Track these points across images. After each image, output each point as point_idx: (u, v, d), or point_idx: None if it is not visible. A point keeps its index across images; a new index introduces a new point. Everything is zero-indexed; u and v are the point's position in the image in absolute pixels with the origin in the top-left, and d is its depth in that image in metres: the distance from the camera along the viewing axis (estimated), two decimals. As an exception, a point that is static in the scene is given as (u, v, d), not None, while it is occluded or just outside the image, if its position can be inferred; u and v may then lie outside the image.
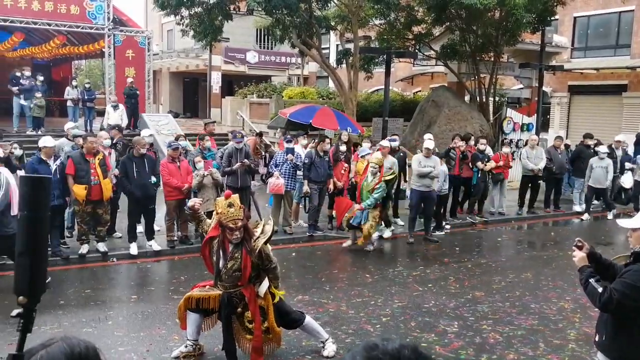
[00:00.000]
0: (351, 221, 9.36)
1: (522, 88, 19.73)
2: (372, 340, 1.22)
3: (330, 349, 5.41)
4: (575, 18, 22.24)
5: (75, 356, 1.40)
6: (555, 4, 15.34)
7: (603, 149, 12.69)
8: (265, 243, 4.98)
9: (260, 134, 14.04)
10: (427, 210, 10.45)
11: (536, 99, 17.32)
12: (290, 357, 5.46)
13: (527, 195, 12.90)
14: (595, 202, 13.34)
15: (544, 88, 18.70)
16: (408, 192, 10.80)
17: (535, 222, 12.75)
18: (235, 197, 4.97)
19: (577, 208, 13.33)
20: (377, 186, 9.12)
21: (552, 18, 16.59)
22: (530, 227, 12.45)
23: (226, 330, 5.05)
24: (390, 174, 9.60)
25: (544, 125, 19.78)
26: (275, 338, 5.17)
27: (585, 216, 12.74)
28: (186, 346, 5.32)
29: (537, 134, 16.32)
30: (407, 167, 11.37)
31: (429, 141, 10.64)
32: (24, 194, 1.56)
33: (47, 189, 1.69)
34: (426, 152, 10.19)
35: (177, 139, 10.94)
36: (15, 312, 1.52)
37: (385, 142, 10.73)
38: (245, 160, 9.80)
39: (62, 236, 8.91)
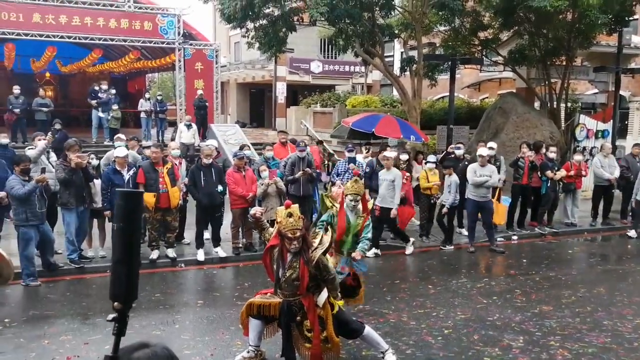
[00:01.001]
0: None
1: (596, 93, 18.86)
2: None
3: (390, 359, 5.37)
4: (656, 18, 21.04)
5: None
6: (633, 3, 14.52)
7: None
8: (324, 254, 5.02)
9: (321, 142, 14.14)
10: (486, 219, 10.18)
11: (612, 104, 16.50)
12: (349, 366, 5.47)
13: (601, 206, 12.29)
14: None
15: (621, 92, 17.77)
16: None
17: (611, 234, 12.09)
18: (295, 207, 5.03)
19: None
20: (367, 223, 6.51)
21: (631, 18, 15.77)
22: (605, 239, 11.83)
23: (286, 338, 5.13)
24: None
25: (621, 131, 18.79)
26: (334, 348, 5.18)
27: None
28: (248, 352, 5.43)
29: (614, 141, 15.56)
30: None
31: (482, 149, 10.39)
32: (120, 207, 1.66)
33: (140, 203, 1.84)
34: (481, 160, 9.94)
35: (241, 148, 11.19)
36: (110, 316, 1.63)
37: (389, 153, 10.09)
38: (307, 168, 9.92)
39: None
